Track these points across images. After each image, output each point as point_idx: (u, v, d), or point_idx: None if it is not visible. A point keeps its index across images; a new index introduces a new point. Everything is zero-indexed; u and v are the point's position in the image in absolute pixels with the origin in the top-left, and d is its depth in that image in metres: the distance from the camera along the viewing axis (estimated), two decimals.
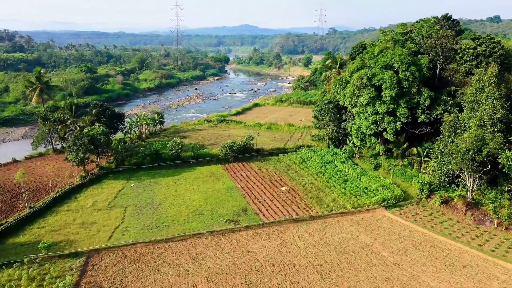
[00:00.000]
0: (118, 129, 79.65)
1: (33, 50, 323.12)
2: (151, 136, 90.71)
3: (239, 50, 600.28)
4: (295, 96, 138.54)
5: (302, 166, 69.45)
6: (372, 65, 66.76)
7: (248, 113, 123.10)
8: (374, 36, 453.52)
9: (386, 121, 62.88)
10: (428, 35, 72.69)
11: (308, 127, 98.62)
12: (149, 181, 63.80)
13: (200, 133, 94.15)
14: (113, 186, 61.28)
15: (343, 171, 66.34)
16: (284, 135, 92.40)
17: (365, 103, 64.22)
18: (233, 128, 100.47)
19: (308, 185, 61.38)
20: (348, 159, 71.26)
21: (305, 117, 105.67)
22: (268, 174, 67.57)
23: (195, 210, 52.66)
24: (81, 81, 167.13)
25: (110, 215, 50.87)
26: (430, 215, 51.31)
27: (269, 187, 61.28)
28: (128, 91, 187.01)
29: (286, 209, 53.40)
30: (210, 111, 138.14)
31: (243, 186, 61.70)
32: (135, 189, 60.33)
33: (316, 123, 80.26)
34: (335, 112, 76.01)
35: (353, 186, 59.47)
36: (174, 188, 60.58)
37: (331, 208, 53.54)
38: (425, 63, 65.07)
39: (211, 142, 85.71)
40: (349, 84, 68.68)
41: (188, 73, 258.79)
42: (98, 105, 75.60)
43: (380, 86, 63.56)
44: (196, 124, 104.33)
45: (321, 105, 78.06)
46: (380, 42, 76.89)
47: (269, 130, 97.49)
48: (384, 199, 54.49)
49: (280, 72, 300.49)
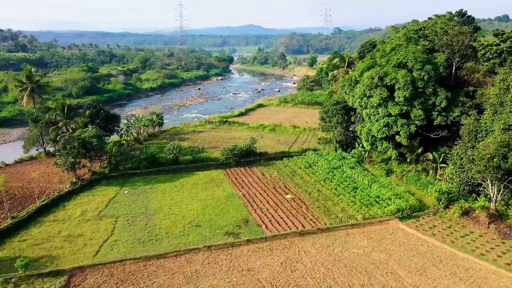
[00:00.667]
0: (114, 131, 75.58)
1: (36, 49, 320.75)
2: (149, 138, 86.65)
3: (244, 50, 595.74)
4: (300, 97, 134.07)
5: (308, 172, 65.01)
6: (383, 64, 62.17)
7: (252, 114, 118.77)
8: (380, 35, 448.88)
9: (399, 124, 58.24)
10: (443, 32, 67.91)
11: (314, 129, 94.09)
12: (144, 187, 59.62)
13: (201, 135, 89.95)
14: (106, 193, 57.15)
15: (352, 177, 61.81)
16: (289, 138, 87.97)
17: (376, 104, 59.65)
18: (235, 130, 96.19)
19: (315, 193, 56.92)
20: (357, 164, 66.70)
21: (311, 119, 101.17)
22: (271, 180, 63.19)
23: (191, 221, 48.35)
24: (82, 81, 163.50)
25: (99, 227, 46.68)
26: (449, 228, 46.65)
27: (272, 195, 56.90)
28: (130, 91, 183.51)
29: (291, 220, 48.98)
30: (213, 112, 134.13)
31: (244, 194, 57.35)
32: (128, 196, 56.18)
33: (323, 125, 75.75)
34: (343, 113, 71.43)
35: (364, 194, 54.92)
36: (170, 196, 56.35)
37: (340, 219, 49.05)
38: (441, 61, 60.45)
39: (212, 145, 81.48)
40: (358, 84, 64.14)
41: (192, 73, 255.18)
42: (91, 106, 71.54)
43: (392, 86, 58.95)
44: (197, 125, 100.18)
45: (328, 106, 73.52)
46: (391, 39, 72.25)
47: (273, 132, 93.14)
48: (398, 210, 49.88)
49: (285, 72, 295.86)
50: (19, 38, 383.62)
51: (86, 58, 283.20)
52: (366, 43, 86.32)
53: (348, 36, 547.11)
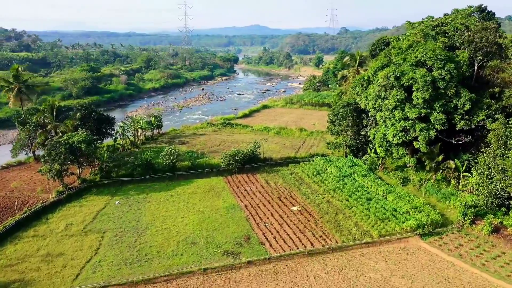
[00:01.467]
0: (108, 134, 70.67)
1: (39, 49, 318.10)
2: (147, 141, 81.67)
3: (249, 50, 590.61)
4: (306, 98, 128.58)
5: (317, 180, 59.70)
6: (399, 62, 56.71)
7: (256, 115, 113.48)
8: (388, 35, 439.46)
9: (417, 129, 52.73)
10: (464, 28, 62.32)
11: (321, 132, 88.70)
12: (137, 197, 54.60)
13: (202, 139, 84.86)
14: (95, 203, 52.20)
15: (365, 186, 56.41)
16: (295, 141, 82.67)
17: (392, 106, 54.21)
18: (238, 132, 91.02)
19: (324, 204, 51.59)
20: (369, 171, 61.28)
21: (318, 121, 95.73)
22: (276, 189, 57.95)
23: (187, 238, 43.21)
24: (82, 81, 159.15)
25: (83, 244, 41.70)
26: (478, 248, 41.14)
27: (277, 206, 51.63)
28: (132, 91, 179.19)
29: (298, 237, 43.69)
30: (216, 113, 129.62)
31: (246, 205, 52.15)
32: (119, 207, 51.19)
33: (331, 129, 70.36)
34: (354, 116, 66.04)
35: (379, 206, 49.49)
36: (165, 207, 51.27)
37: (354, 236, 43.67)
38: (464, 59, 54.89)
39: (213, 149, 76.34)
40: (372, 84, 58.74)
41: (196, 73, 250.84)
42: (83, 108, 66.63)
43: (410, 86, 53.48)
44: (198, 128, 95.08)
45: (338, 108, 68.14)
46: (407, 36, 66.71)
47: (278, 135, 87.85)
48: (418, 225, 44.42)
49: (291, 72, 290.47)
50: (23, 38, 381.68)
51: (90, 58, 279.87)
52: (378, 40, 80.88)
53: (355, 36, 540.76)
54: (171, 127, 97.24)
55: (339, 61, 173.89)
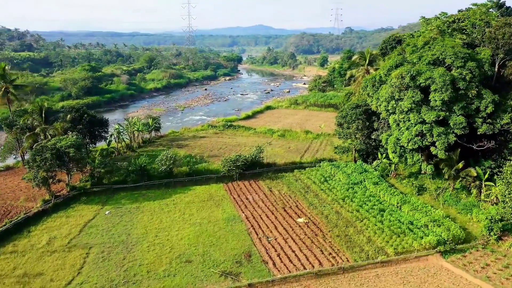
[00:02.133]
0: (101, 137, 66.51)
1: (42, 49, 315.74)
2: (144, 145, 77.47)
3: (253, 50, 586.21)
4: (312, 98, 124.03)
5: (324, 187, 55.28)
6: (415, 61, 52.17)
7: (259, 117, 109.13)
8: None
9: (435, 133, 48.12)
10: (484, 23, 57.70)
11: (328, 134, 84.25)
12: (130, 206, 50.39)
13: (202, 142, 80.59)
14: (83, 213, 48.07)
15: (377, 195, 51.91)
16: (300, 145, 78.19)
17: (407, 109, 49.63)
18: (240, 135, 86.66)
19: (333, 216, 47.15)
20: (381, 178, 56.76)
21: (325, 123, 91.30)
22: (280, 197, 53.57)
23: (181, 255, 38.91)
24: (82, 81, 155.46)
25: (66, 262, 37.54)
26: (508, 268, 36.58)
27: (281, 218, 47.25)
28: (133, 91, 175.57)
29: (304, 254, 39.31)
30: (219, 114, 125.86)
31: (248, 216, 47.82)
32: (109, 218, 47.00)
33: (339, 132, 65.89)
34: (364, 119, 61.60)
35: (393, 219, 44.98)
36: (159, 218, 47.05)
37: (367, 253, 39.22)
38: (486, 57, 50.30)
39: (213, 153, 72.04)
40: (384, 84, 54.20)
41: (199, 73, 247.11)
42: (73, 109, 62.49)
43: (427, 87, 48.90)
44: (199, 130, 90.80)
45: (346, 110, 63.67)
46: (422, 32, 62.11)
47: (283, 138, 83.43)
48: (439, 242, 39.93)
49: (295, 72, 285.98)
50: (26, 38, 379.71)
51: (92, 58, 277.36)
52: (388, 38, 76.31)
53: (360, 36, 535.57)
54: (170, 129, 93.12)
55: (345, 61, 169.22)
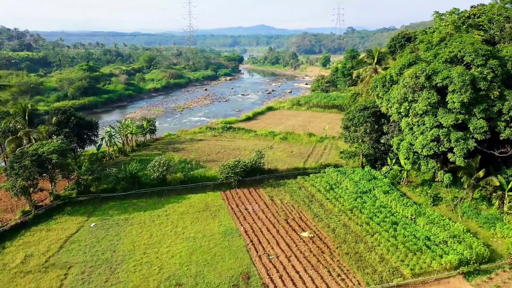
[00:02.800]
0: (91, 141, 62.20)
1: (41, 49, 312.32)
2: (138, 148, 73.08)
3: (255, 50, 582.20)
4: (315, 99, 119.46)
5: (330, 196, 50.90)
6: (430, 59, 47.77)
7: (260, 118, 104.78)
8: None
9: (453, 138, 43.71)
10: (504, 18, 53.28)
11: (333, 137, 79.85)
12: (118, 217, 46.11)
13: (200, 145, 76.27)
14: (66, 226, 43.80)
15: (388, 206, 47.52)
16: (304, 149, 73.80)
17: (422, 111, 45.20)
18: (240, 138, 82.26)
19: (341, 230, 42.78)
20: (392, 186, 52.34)
21: (329, 125, 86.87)
22: (283, 207, 49.21)
23: (171, 276, 34.55)
24: (79, 81, 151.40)
25: (40, 285, 33.24)
26: None
27: (284, 232, 42.90)
28: (132, 91, 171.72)
29: (309, 275, 34.94)
30: (219, 115, 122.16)
31: (247, 229, 43.50)
32: (94, 231, 42.73)
33: (346, 136, 61.51)
34: (372, 122, 57.25)
35: (408, 233, 40.60)
36: (149, 231, 42.74)
37: (380, 275, 34.80)
38: (509, 54, 45.77)
39: (211, 157, 67.74)
40: (396, 85, 49.79)
41: (199, 73, 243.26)
42: (59, 112, 58.15)
43: (444, 87, 44.55)
44: (197, 132, 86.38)
45: (353, 112, 59.27)
46: (435, 28, 57.66)
47: (285, 141, 79.00)
48: (461, 261, 35.54)
49: (297, 72, 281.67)
50: (26, 37, 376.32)
51: (91, 58, 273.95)
52: (397, 35, 71.99)
53: (362, 36, 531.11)
54: (167, 131, 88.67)
55: (349, 60, 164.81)
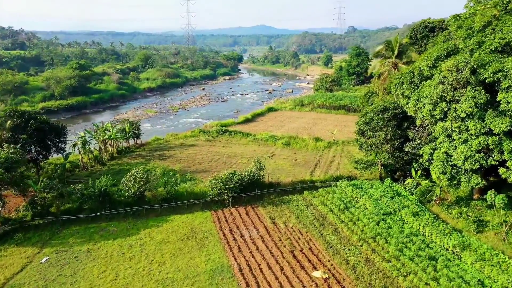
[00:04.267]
0: (58, 149, 52.47)
1: (35, 47, 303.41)
2: (119, 156, 63.32)
3: (255, 50, 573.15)
4: (319, 99, 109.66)
5: (345, 218, 41.21)
6: (473, 47, 38.24)
7: (260, 120, 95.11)
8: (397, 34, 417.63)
9: (506, 149, 34.13)
10: None
11: (342, 142, 70.25)
12: (79, 248, 36.43)
13: (191, 151, 66.57)
14: (10, 261, 34.07)
15: (420, 233, 37.81)
16: (309, 156, 64.12)
17: (465, 114, 35.59)
18: (237, 143, 72.54)
19: (363, 266, 33.09)
20: (421, 206, 42.60)
21: (337, 128, 77.18)
22: (287, 233, 39.51)
23: None
24: (68, 80, 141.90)
25: None
26: None
27: (290, 270, 33.19)
28: (125, 91, 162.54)
29: None
30: (216, 116, 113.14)
31: (242, 266, 33.78)
32: (45, 268, 33.04)
33: (361, 142, 51.88)
34: (394, 126, 47.67)
35: (453, 275, 30.81)
36: (115, 270, 33.05)
37: None
38: None
39: (202, 166, 58.05)
40: (429, 81, 40.19)
41: (197, 72, 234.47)
42: (15, 114, 48.28)
43: (494, 83, 35.03)
44: (188, 136, 76.47)
45: (370, 115, 49.66)
46: (471, 13, 47.90)
47: (288, 147, 69.29)
48: None
49: (298, 71, 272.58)
50: (21, 36, 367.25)
51: (86, 56, 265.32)
52: (419, 25, 62.53)
53: (363, 35, 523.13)
54: (155, 135, 78.46)
55: (354, 58, 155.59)
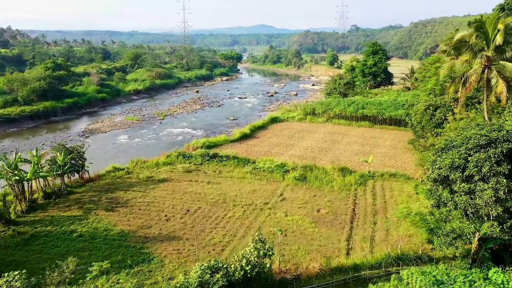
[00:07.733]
0: None
1: (18, 46, 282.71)
2: (45, 202, 41.18)
3: (255, 49, 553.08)
4: (336, 107, 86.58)
5: None
6: None
7: (261, 135, 72.69)
8: (404, 32, 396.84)
9: None
10: None
11: (381, 175, 48.26)
12: None
13: (159, 193, 44.24)
14: None
15: None
16: (338, 202, 41.80)
17: None
18: (229, 176, 49.84)
19: None
20: None
21: (373, 156, 54.84)
22: None
23: None
24: (37, 81, 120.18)
25: None
26: None
27: None
28: (106, 94, 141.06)
29: None
30: (207, 124, 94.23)
31: None
32: None
33: (446, 199, 29.81)
34: (509, 173, 25.89)
35: None
36: None
37: None
38: None
39: (171, 226, 35.71)
40: None
41: (192, 72, 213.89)
42: None
43: None
44: (161, 164, 53.43)
45: (463, 150, 27.73)
46: None
47: (303, 183, 46.74)
48: None
49: (301, 71, 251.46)
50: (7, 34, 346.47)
51: (73, 55, 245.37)
52: None
53: (367, 34, 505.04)
54: (111, 164, 54.19)
55: (370, 56, 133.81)
